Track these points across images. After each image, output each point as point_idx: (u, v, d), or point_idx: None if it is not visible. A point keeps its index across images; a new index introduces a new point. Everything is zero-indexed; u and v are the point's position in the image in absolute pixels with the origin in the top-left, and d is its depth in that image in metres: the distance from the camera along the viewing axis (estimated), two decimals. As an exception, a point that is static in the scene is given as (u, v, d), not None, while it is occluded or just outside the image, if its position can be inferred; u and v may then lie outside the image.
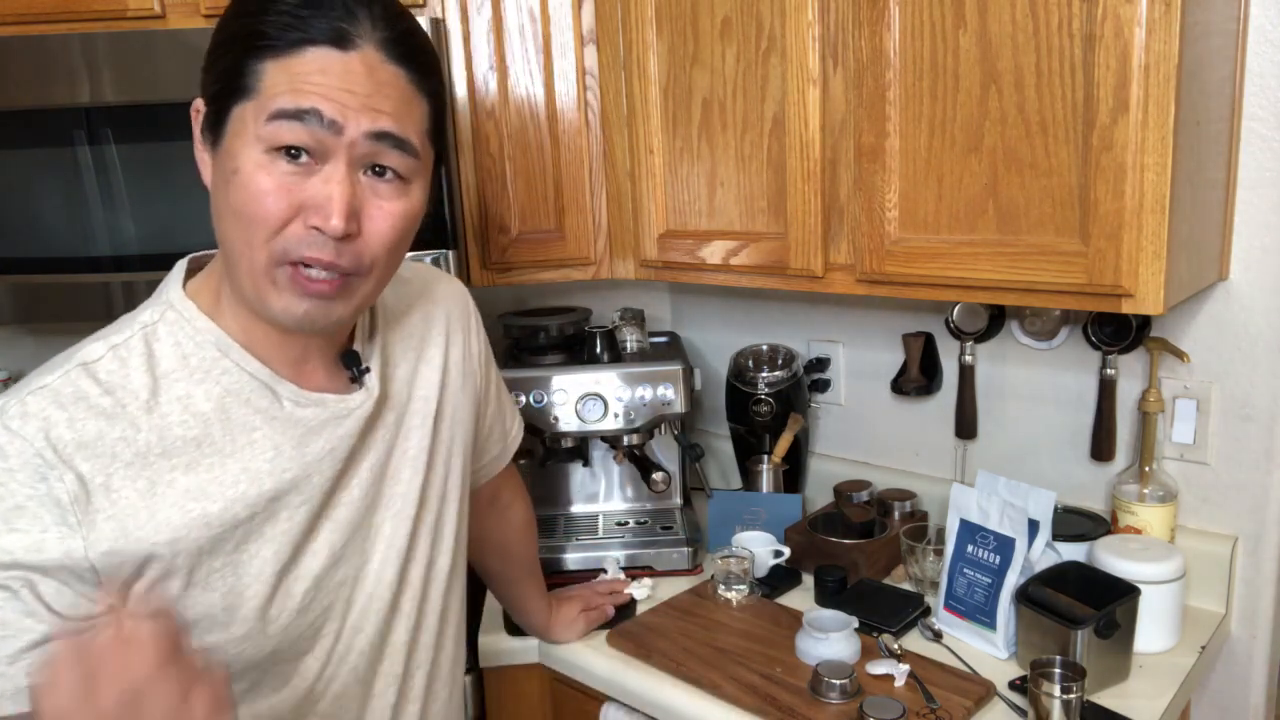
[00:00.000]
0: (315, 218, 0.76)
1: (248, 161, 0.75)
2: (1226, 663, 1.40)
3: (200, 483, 0.81)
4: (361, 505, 0.93)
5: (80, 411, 0.77)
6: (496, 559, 1.34)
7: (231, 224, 0.77)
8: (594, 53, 1.59)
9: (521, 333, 1.70)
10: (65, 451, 0.76)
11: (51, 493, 0.74)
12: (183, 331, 0.83)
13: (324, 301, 0.79)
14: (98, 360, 0.81)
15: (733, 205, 1.48)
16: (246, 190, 0.75)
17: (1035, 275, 1.15)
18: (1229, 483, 1.38)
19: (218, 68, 0.78)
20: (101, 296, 1.54)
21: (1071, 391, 1.51)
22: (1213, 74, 1.17)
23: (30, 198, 1.50)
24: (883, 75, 1.24)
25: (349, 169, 0.77)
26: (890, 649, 1.29)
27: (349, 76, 0.75)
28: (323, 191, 0.75)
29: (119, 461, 0.78)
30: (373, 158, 0.78)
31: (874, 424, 1.79)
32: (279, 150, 0.75)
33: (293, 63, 0.74)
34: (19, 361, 1.99)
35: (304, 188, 0.76)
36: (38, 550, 0.73)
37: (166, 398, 0.81)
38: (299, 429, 0.86)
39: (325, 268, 0.77)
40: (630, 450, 1.67)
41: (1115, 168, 1.06)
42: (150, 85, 1.45)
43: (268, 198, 0.75)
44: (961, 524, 1.36)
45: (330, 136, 0.75)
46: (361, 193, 0.78)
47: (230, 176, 0.76)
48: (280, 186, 0.75)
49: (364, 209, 0.78)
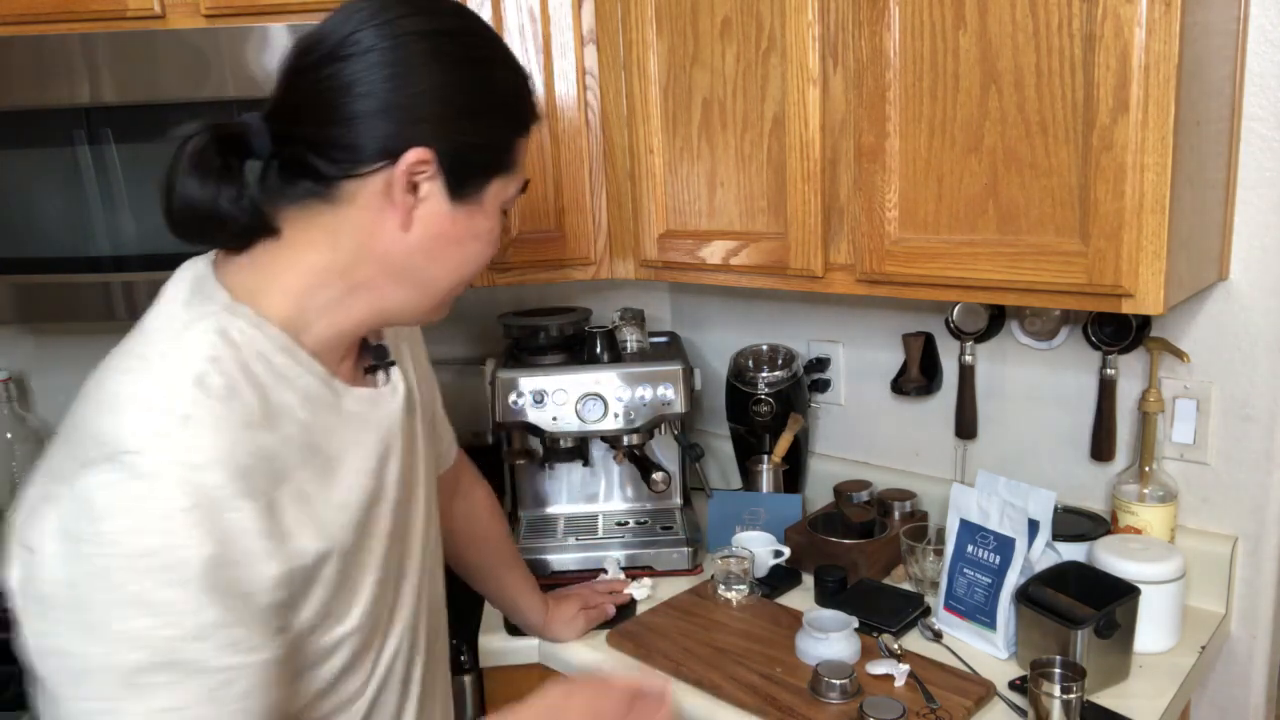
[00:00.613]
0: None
1: (492, 221, 0.86)
2: (1226, 663, 1.40)
3: (330, 488, 0.82)
4: (403, 495, 0.94)
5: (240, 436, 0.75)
6: (474, 550, 1.35)
7: (448, 265, 0.85)
8: (594, 53, 1.59)
9: (521, 333, 1.70)
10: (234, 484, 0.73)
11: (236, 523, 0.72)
12: (256, 338, 0.79)
13: None
14: (204, 376, 0.75)
15: (733, 205, 1.48)
16: (486, 245, 0.86)
17: (1035, 275, 1.15)
18: (1229, 483, 1.38)
19: (482, 139, 0.83)
20: (101, 296, 1.54)
21: (1071, 391, 1.51)
22: (1213, 74, 1.17)
23: (30, 198, 1.50)
24: (883, 75, 1.24)
25: None
26: (890, 649, 1.29)
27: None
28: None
29: (275, 481, 0.76)
30: None
31: (874, 424, 1.79)
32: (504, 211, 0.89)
33: (528, 140, 0.88)
34: (19, 361, 1.99)
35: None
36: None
37: (275, 407, 0.78)
38: (358, 424, 0.87)
39: None
40: (630, 450, 1.67)
41: (1115, 168, 1.06)
42: (150, 85, 1.45)
43: (493, 245, 0.88)
44: (961, 524, 1.36)
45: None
46: None
47: (477, 232, 0.85)
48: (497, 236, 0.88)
49: None
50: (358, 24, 0.77)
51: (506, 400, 1.60)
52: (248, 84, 1.45)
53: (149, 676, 0.67)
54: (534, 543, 1.64)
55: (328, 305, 0.82)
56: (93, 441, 0.72)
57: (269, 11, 1.51)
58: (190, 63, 1.44)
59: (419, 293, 0.85)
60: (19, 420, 1.93)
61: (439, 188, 0.80)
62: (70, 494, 0.69)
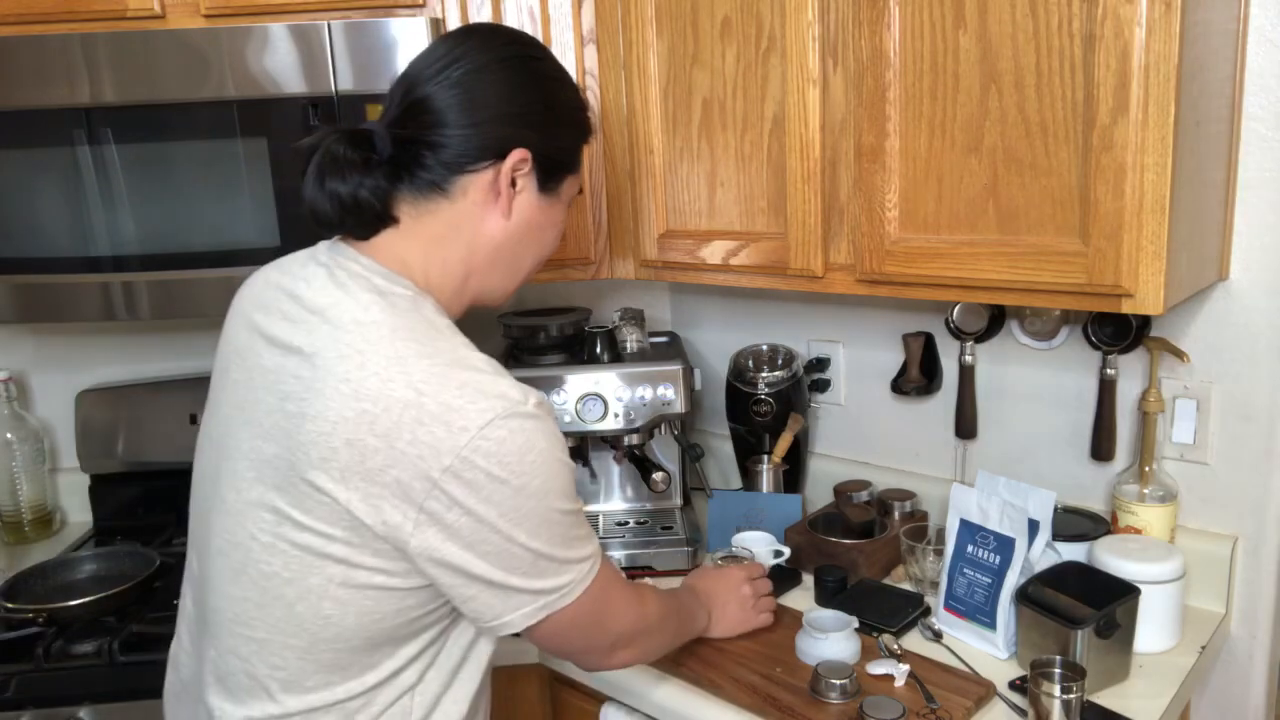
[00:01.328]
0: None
1: (563, 213, 1.07)
2: (1226, 663, 1.40)
3: None
4: None
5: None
6: None
7: (539, 249, 1.06)
8: (594, 53, 1.59)
9: (521, 333, 1.70)
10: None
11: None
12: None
13: None
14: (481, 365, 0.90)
15: (733, 205, 1.48)
16: (558, 232, 1.07)
17: (1035, 275, 1.15)
18: (1229, 483, 1.38)
19: (563, 143, 1.03)
20: (101, 296, 1.54)
21: (1071, 391, 1.51)
22: (1213, 74, 1.17)
23: (30, 198, 1.50)
24: (883, 75, 1.24)
25: None
26: (890, 649, 1.29)
27: None
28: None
29: None
30: None
31: (874, 424, 1.79)
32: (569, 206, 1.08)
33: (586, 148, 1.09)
34: (19, 361, 1.99)
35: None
36: None
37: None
38: None
39: None
40: (630, 450, 1.67)
41: (1115, 168, 1.06)
42: (150, 85, 1.45)
43: (560, 233, 1.08)
44: (961, 524, 1.36)
45: None
46: None
47: (554, 221, 1.05)
48: (562, 226, 1.09)
49: None
50: (468, 47, 0.96)
51: (506, 400, 1.60)
52: (248, 84, 1.45)
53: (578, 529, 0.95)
54: (534, 543, 1.64)
55: (454, 294, 1.00)
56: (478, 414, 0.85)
57: (269, 11, 1.51)
58: (190, 63, 1.44)
59: (510, 274, 1.04)
60: (19, 420, 1.93)
61: (533, 182, 1.00)
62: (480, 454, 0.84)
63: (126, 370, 2.00)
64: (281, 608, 0.90)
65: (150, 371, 2.00)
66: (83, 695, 1.40)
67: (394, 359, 0.86)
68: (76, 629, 1.47)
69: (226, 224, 1.50)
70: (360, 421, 0.84)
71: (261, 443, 0.91)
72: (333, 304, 0.91)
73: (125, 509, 1.94)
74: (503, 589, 0.90)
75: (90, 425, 1.92)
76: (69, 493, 2.01)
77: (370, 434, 0.84)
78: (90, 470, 1.93)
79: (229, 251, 1.49)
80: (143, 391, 1.94)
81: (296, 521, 0.88)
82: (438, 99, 0.94)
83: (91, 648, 1.43)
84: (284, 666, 0.92)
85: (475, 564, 0.87)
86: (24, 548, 1.89)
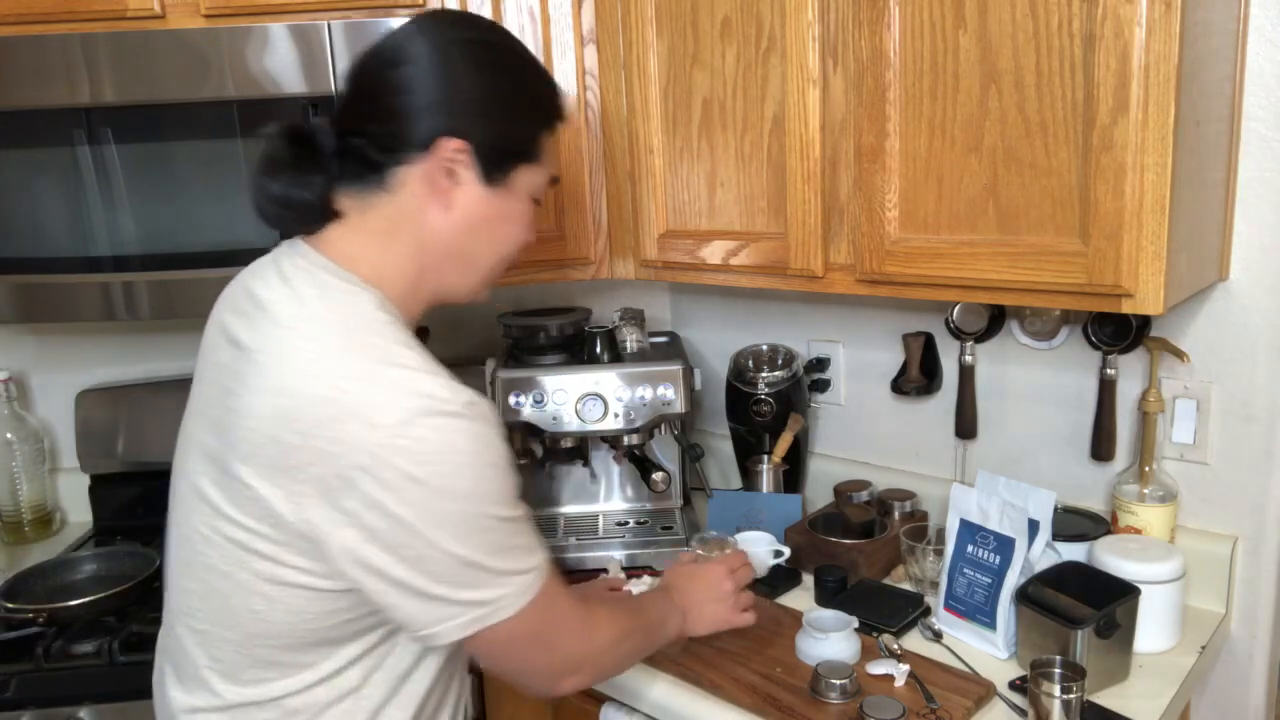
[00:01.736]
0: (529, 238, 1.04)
1: (523, 206, 1.01)
2: (1226, 663, 1.40)
3: None
4: None
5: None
6: None
7: (495, 246, 1.00)
8: (594, 53, 1.59)
9: (521, 333, 1.70)
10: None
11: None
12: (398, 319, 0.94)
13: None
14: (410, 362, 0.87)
15: (733, 205, 1.48)
16: (519, 227, 1.01)
17: (1035, 275, 1.15)
18: (1229, 483, 1.38)
19: (507, 126, 0.97)
20: (101, 296, 1.54)
21: (1071, 391, 1.50)
22: (1213, 74, 1.17)
23: (30, 198, 1.50)
24: (883, 75, 1.24)
25: None
26: (890, 649, 1.29)
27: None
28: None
29: None
30: None
31: (874, 424, 1.79)
32: (535, 201, 1.02)
33: (555, 138, 1.02)
34: (19, 361, 1.99)
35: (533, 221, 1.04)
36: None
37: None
38: None
39: None
40: (630, 450, 1.67)
41: (1115, 168, 1.06)
42: (150, 85, 1.45)
43: (527, 232, 1.02)
44: (961, 524, 1.36)
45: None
46: None
47: (507, 215, 0.99)
48: (531, 222, 1.03)
49: None
50: (409, 36, 0.93)
51: (506, 400, 1.60)
52: (248, 84, 1.45)
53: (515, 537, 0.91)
54: (534, 543, 1.64)
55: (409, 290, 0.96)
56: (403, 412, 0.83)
57: (269, 11, 1.51)
58: (190, 63, 1.44)
59: (466, 271, 1.00)
60: (19, 420, 1.93)
61: (474, 174, 0.95)
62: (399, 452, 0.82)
63: (126, 370, 2.00)
64: (219, 600, 0.91)
65: (150, 371, 2.00)
66: (83, 695, 1.40)
67: (319, 355, 0.85)
68: (76, 629, 1.47)
69: (226, 224, 1.50)
70: (282, 417, 0.83)
71: (206, 435, 0.92)
72: (276, 299, 0.91)
73: (125, 509, 1.94)
74: (427, 597, 0.86)
75: (90, 425, 1.91)
76: (69, 493, 2.01)
77: (291, 430, 0.83)
78: (90, 470, 1.93)
79: (229, 251, 1.49)
80: (143, 391, 1.94)
81: (228, 515, 0.88)
82: (376, 90, 0.93)
83: (91, 648, 1.43)
84: (222, 659, 0.93)
85: (395, 568, 0.84)
86: (24, 548, 1.89)
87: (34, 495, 1.94)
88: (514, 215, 1.00)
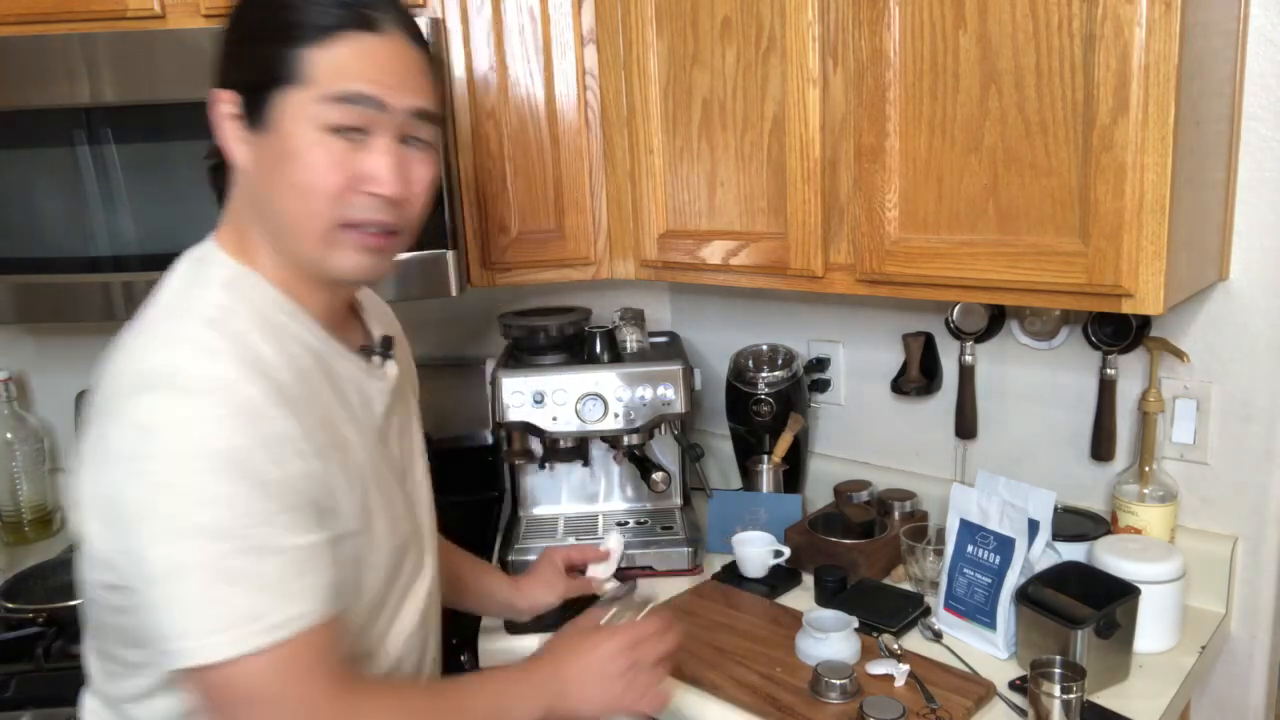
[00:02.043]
0: (373, 185, 0.86)
1: (303, 141, 0.83)
2: (1226, 663, 1.40)
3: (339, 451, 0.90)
4: (401, 468, 1.03)
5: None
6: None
7: (288, 196, 0.85)
8: (594, 53, 1.59)
9: (521, 333, 1.70)
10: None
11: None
12: (259, 302, 0.88)
13: (378, 255, 0.89)
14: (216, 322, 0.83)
15: (733, 205, 1.48)
16: (307, 166, 0.84)
17: (1035, 275, 1.15)
18: (1229, 483, 1.38)
19: (250, 57, 0.85)
20: (101, 296, 1.54)
21: (1071, 391, 1.50)
22: (1213, 74, 1.17)
23: (30, 198, 1.50)
24: (883, 75, 1.24)
25: (393, 141, 0.87)
26: (890, 649, 1.29)
27: (387, 60, 0.85)
28: (378, 163, 0.85)
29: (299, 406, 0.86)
30: (410, 130, 0.88)
31: (874, 424, 1.79)
32: (333, 130, 0.84)
33: (334, 49, 0.83)
34: (19, 361, 1.99)
35: (356, 160, 0.85)
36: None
37: (287, 358, 0.87)
38: (358, 390, 0.96)
39: (380, 226, 0.88)
40: (630, 450, 1.67)
41: (1115, 168, 1.06)
42: (150, 85, 1.45)
43: (328, 172, 0.84)
44: (961, 524, 1.36)
45: (378, 115, 0.85)
46: (407, 161, 0.88)
47: (285, 156, 0.84)
48: (336, 161, 0.84)
49: (409, 176, 0.89)
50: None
51: (506, 400, 1.60)
52: (248, 84, 1.45)
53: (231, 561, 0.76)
54: (534, 543, 1.64)
55: (277, 266, 0.90)
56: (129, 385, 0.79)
57: (269, 11, 1.50)
58: (190, 63, 1.44)
59: (286, 230, 0.88)
60: (19, 420, 1.93)
61: (240, 122, 0.87)
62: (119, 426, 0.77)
63: (126, 370, 2.00)
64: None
65: (150, 371, 2.00)
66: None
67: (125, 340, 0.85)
68: (76, 629, 1.46)
69: (226, 224, 1.50)
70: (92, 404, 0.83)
71: None
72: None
73: (125, 509, 1.94)
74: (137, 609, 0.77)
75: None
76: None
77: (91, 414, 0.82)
78: (90, 470, 1.93)
79: (229, 251, 1.49)
80: (143, 391, 1.94)
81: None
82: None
83: (91, 648, 1.43)
84: (89, 654, 0.94)
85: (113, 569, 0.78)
86: (24, 548, 1.89)
87: (34, 495, 1.94)
88: (295, 152, 0.84)
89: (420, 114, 0.88)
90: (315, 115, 0.83)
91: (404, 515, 1.00)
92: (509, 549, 1.63)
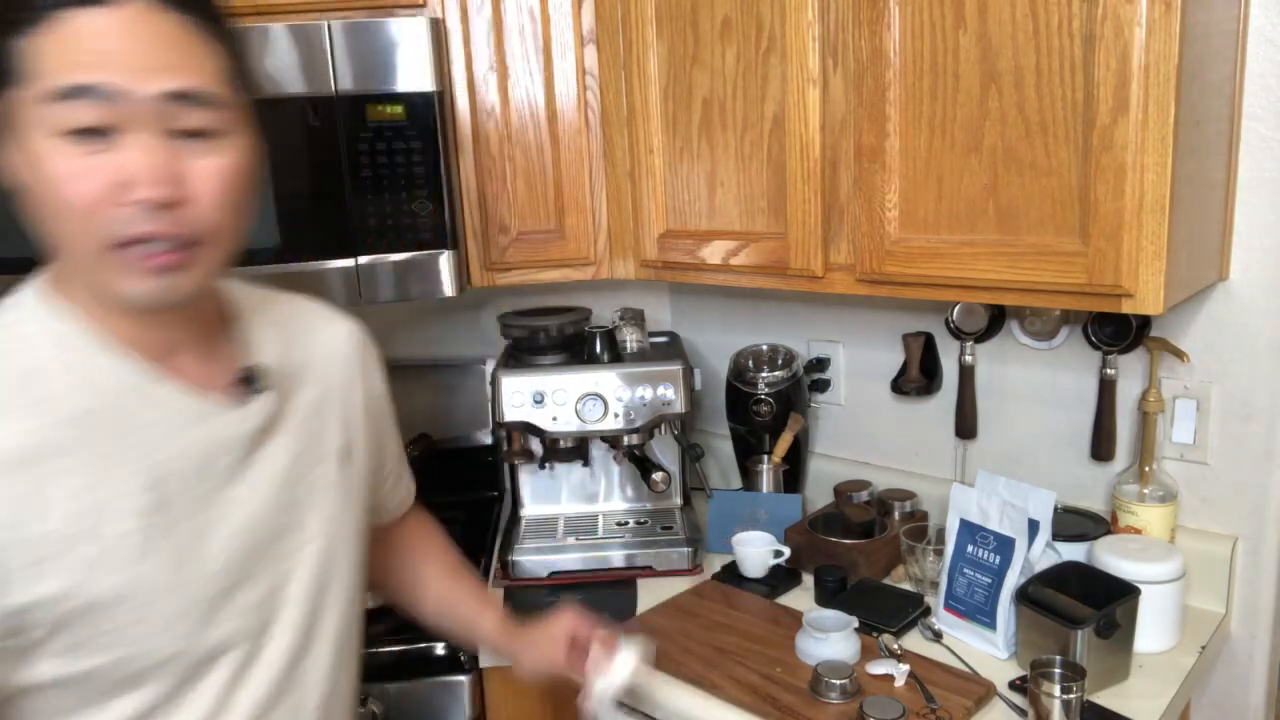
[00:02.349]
0: (131, 192, 0.71)
1: (39, 151, 0.70)
2: (1226, 663, 1.40)
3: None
4: (266, 522, 0.86)
5: None
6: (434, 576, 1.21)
7: (48, 220, 0.74)
8: (594, 53, 1.59)
9: (521, 333, 1.70)
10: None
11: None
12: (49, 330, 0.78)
13: (171, 275, 0.75)
14: None
15: (733, 205, 1.48)
16: (49, 181, 0.71)
17: (1035, 275, 1.15)
18: (1229, 483, 1.38)
19: None
20: None
21: (1071, 391, 1.50)
22: (1213, 74, 1.17)
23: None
24: (883, 75, 1.24)
25: (152, 135, 0.72)
26: (890, 649, 1.29)
27: (120, 38, 0.70)
28: (129, 163, 0.71)
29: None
30: (175, 119, 0.73)
31: (874, 424, 1.79)
32: (69, 134, 0.70)
33: (56, 35, 0.69)
34: None
35: (110, 165, 0.71)
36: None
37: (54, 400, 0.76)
38: (174, 426, 0.80)
39: (163, 239, 0.73)
40: (630, 450, 1.67)
41: (1115, 168, 1.06)
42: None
43: (72, 184, 0.70)
44: (961, 524, 1.36)
45: (119, 107, 0.70)
46: (177, 156, 0.73)
47: (31, 171, 0.71)
48: (81, 170, 0.70)
49: (185, 173, 0.74)
50: None
51: (506, 400, 1.60)
52: (248, 84, 1.45)
53: None
54: (534, 543, 1.64)
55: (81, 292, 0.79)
56: None
57: (269, 11, 1.51)
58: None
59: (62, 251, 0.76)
60: None
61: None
62: None
63: (126, 370, 2.00)
64: None
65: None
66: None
67: None
68: (76, 629, 1.46)
69: (226, 224, 1.50)
70: None
71: None
72: None
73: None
74: None
75: (90, 425, 1.91)
76: (69, 493, 2.00)
77: None
78: (90, 470, 1.93)
79: (229, 251, 1.49)
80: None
81: None
82: None
83: (91, 648, 1.42)
84: None
85: None
86: None
87: None
88: (37, 165, 0.71)
89: (179, 97, 0.72)
90: (43, 119, 0.70)
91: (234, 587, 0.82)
92: (509, 549, 1.63)
